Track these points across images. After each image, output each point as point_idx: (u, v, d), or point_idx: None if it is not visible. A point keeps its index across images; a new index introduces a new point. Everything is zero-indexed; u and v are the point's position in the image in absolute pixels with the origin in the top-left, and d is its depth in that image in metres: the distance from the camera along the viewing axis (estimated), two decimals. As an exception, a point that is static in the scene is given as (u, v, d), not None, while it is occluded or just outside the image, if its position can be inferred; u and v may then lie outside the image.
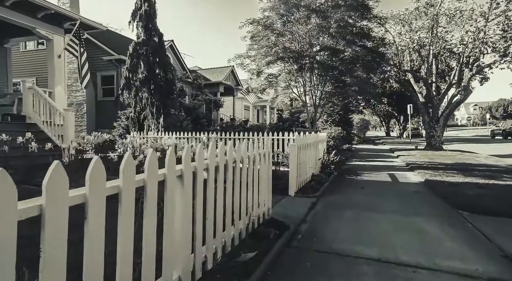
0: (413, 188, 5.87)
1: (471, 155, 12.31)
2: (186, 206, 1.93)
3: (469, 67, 13.28)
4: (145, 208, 1.56)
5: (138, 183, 1.51)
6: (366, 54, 9.73)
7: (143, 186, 1.56)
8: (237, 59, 10.74)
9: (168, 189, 1.74)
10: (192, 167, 2.04)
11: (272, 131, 9.08)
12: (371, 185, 6.23)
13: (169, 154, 1.77)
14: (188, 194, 1.96)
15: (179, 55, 17.47)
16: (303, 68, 9.59)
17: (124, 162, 1.42)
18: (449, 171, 7.71)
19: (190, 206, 2.00)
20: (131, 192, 1.45)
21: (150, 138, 10.55)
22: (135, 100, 11.06)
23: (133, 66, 10.86)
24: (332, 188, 5.80)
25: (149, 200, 1.57)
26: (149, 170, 1.57)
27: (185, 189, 1.92)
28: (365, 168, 8.92)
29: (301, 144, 5.55)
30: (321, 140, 7.73)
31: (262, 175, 3.45)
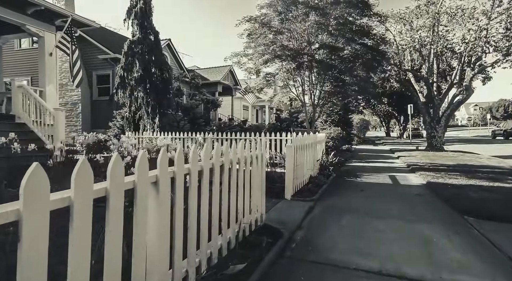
0: (415, 191, 5.65)
1: (473, 155, 12.10)
2: (162, 216, 1.71)
3: (471, 67, 13.05)
4: (107, 221, 1.34)
5: (97, 193, 1.29)
6: (366, 52, 9.50)
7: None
8: (234, 58, 10.52)
9: (138, 197, 1.52)
10: (170, 172, 1.82)
11: (270, 132, 8.86)
12: (371, 187, 6.01)
13: (140, 157, 1.55)
14: (164, 203, 1.73)
15: (177, 54, 17.26)
16: (301, 67, 9.35)
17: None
18: (451, 172, 7.50)
19: (168, 216, 1.78)
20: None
21: (145, 139, 10.35)
22: (130, 99, 10.84)
23: (128, 65, 10.64)
24: (331, 191, 5.58)
25: (111, 211, 1.35)
26: (112, 176, 1.35)
27: (161, 197, 1.70)
28: (365, 169, 8.70)
29: (298, 145, 5.33)
30: (319, 141, 7.51)
31: (255, 178, 3.23)
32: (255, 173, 3.25)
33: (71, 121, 13.40)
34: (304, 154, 5.69)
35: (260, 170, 3.37)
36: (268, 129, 10.11)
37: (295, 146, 5.08)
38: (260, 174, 3.38)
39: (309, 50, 9.31)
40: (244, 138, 8.92)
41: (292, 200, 4.77)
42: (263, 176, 3.44)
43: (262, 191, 3.43)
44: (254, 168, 3.21)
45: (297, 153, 5.17)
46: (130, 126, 11.04)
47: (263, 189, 3.48)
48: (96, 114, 13.56)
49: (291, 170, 4.82)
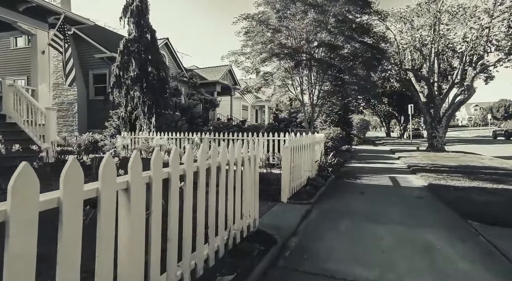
0: (416, 193, 5.46)
1: (475, 156, 11.90)
2: (134, 228, 1.52)
3: (472, 66, 12.85)
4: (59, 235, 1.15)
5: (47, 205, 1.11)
6: (366, 50, 9.29)
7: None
8: (231, 56, 10.30)
9: (102, 208, 1.33)
10: (145, 177, 1.63)
11: (267, 132, 8.67)
12: (371, 189, 5.82)
13: (105, 160, 1.36)
14: (137, 213, 1.54)
15: (175, 53, 17.08)
16: (300, 66, 9.14)
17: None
18: (454, 174, 7.30)
19: (141, 227, 1.59)
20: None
21: (141, 139, 10.16)
22: (126, 99, 10.66)
23: (124, 63, 10.46)
24: (329, 193, 5.39)
25: (65, 223, 1.16)
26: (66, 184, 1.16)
27: (132, 206, 1.51)
28: (365, 170, 8.51)
29: (295, 146, 5.14)
30: (318, 141, 7.32)
31: (247, 181, 3.04)
32: (247, 176, 3.07)
33: (67, 121, 13.22)
34: (301, 155, 5.50)
35: (253, 173, 3.18)
36: (266, 129, 9.92)
37: (291, 147, 4.89)
38: (253, 177, 3.19)
39: (307, 48, 9.10)
40: (241, 138, 8.74)
41: (288, 203, 4.59)
42: (256, 178, 3.25)
43: (255, 195, 3.25)
44: (246, 170, 3.03)
45: (293, 154, 4.99)
46: (126, 126, 10.86)
47: (256, 193, 3.29)
48: (92, 114, 13.38)
49: (287, 172, 4.63)
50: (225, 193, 2.60)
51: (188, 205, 2.06)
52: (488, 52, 12.24)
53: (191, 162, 2.11)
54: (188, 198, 2.05)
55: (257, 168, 3.28)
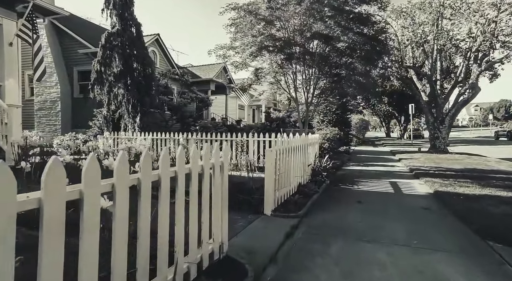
0: (422, 203, 4.78)
1: (480, 158, 11.23)
2: None
3: (477, 63, 12.18)
4: None
5: None
6: (365, 42, 8.57)
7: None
8: (219, 50, 9.57)
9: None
10: None
11: (258, 133, 8.00)
12: (370, 197, 5.14)
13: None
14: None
15: (166, 50, 16.38)
16: (292, 59, 8.43)
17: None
18: (461, 179, 6.63)
19: None
20: None
21: (124, 140, 9.50)
22: (109, 97, 9.99)
23: (106, 59, 9.78)
24: (322, 203, 4.71)
25: None
26: None
27: None
28: (364, 174, 7.84)
29: (283, 149, 4.46)
30: (312, 142, 6.65)
31: (213, 196, 2.38)
32: (214, 189, 2.40)
33: (50, 121, 12.53)
34: (290, 158, 4.83)
35: (219, 185, 2.51)
36: (256, 130, 9.25)
37: (277, 150, 4.21)
38: (220, 190, 2.52)
39: (300, 40, 8.38)
40: (230, 139, 8.09)
41: (272, 215, 3.91)
42: (223, 192, 2.58)
43: (222, 213, 2.57)
44: (206, 182, 2.36)
45: (280, 158, 4.31)
46: (109, 126, 10.18)
47: (225, 209, 2.62)
48: (77, 112, 12.69)
49: (271, 179, 3.96)
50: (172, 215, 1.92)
51: (120, 233, 1.39)
52: (495, 48, 11.57)
53: (124, 175, 1.43)
54: (120, 225, 1.38)
55: (225, 179, 2.60)
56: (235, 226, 3.39)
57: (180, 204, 2.00)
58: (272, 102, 32.74)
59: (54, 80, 12.34)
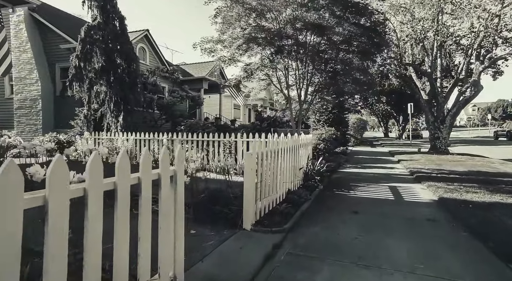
0: (425, 212, 4.21)
1: (483, 159, 10.71)
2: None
3: (480, 60, 11.66)
4: None
5: None
6: (362, 34, 7.96)
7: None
8: (205, 44, 8.92)
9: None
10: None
11: (247, 133, 7.42)
12: (368, 206, 4.57)
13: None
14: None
15: (156, 47, 15.74)
16: (282, 52, 7.81)
17: None
18: (466, 183, 6.08)
19: None
20: None
21: (105, 140, 8.88)
22: (89, 94, 9.37)
23: (86, 53, 9.15)
24: (313, 213, 4.13)
25: None
26: None
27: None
28: (361, 177, 7.27)
29: (267, 152, 3.88)
30: (304, 144, 6.07)
31: (162, 216, 1.80)
32: (163, 206, 1.82)
33: (31, 120, 11.88)
34: (277, 162, 4.24)
35: (171, 199, 1.92)
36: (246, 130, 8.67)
37: (260, 153, 3.63)
38: (172, 206, 1.93)
39: (292, 31, 7.74)
40: (218, 140, 7.51)
41: (252, 230, 3.32)
42: (178, 208, 1.99)
43: (176, 235, 1.98)
44: (162, 195, 1.78)
45: (264, 163, 3.73)
46: (90, 126, 9.55)
47: (179, 231, 2.02)
48: (59, 112, 12.04)
49: (251, 188, 3.37)
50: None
51: None
52: (497, 45, 11.05)
53: None
54: None
55: (179, 193, 2.00)
56: (203, 246, 2.81)
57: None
58: (269, 102, 32.17)
59: (34, 77, 11.69)
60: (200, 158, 7.39)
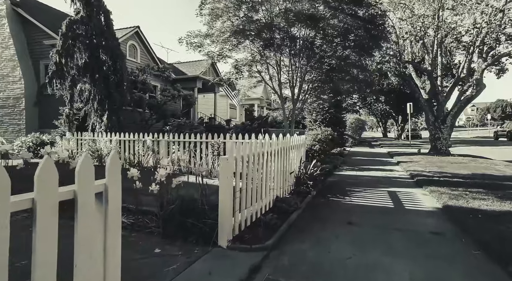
0: (430, 224, 3.74)
1: (486, 161, 10.26)
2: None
3: (482, 57, 11.21)
4: None
5: None
6: (359, 27, 7.45)
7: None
8: (193, 39, 8.39)
9: None
10: None
11: (236, 134, 6.94)
12: (365, 215, 4.09)
13: None
14: None
15: (148, 44, 15.23)
16: (272, 45, 7.30)
17: None
18: (472, 188, 5.61)
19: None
20: None
21: (88, 141, 8.38)
22: (71, 93, 8.87)
23: (68, 49, 8.66)
24: (302, 225, 3.65)
25: None
26: None
27: None
28: (358, 181, 6.80)
29: (250, 155, 3.39)
30: (296, 145, 5.59)
31: (79, 252, 1.31)
32: (81, 235, 1.33)
33: (13, 120, 11.36)
34: (263, 166, 3.76)
35: (100, 226, 1.43)
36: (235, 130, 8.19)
37: (239, 157, 3.14)
38: (101, 234, 1.44)
39: (282, 22, 7.21)
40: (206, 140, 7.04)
41: (229, 248, 2.84)
42: (112, 236, 1.50)
43: (107, 274, 1.49)
44: (82, 224, 1.30)
45: (245, 168, 3.25)
46: (72, 126, 9.06)
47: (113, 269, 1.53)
48: (45, 111, 11.52)
49: (227, 198, 2.88)
50: None
51: None
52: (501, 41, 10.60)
53: None
54: None
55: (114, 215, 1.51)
56: (164, 272, 2.32)
57: None
58: (266, 101, 31.69)
59: (17, 74, 11.18)
60: (185, 161, 6.92)
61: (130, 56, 14.40)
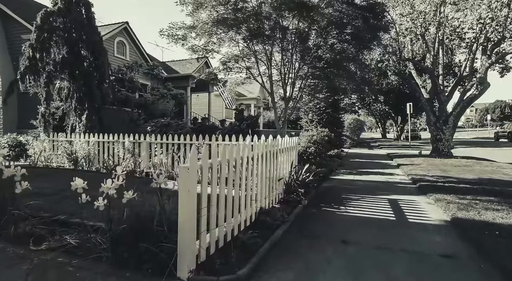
0: (438, 243, 3.16)
1: (492, 164, 9.71)
2: None
3: (486, 54, 10.67)
4: None
5: None
6: (356, 16, 6.84)
7: None
8: (177, 31, 7.69)
9: None
10: None
11: (223, 135, 6.36)
12: (362, 231, 3.51)
13: None
14: None
15: (137, 41, 14.60)
16: (258, 36, 6.69)
17: None
18: (482, 196, 5.05)
19: None
20: None
21: (63, 142, 7.76)
22: (47, 90, 8.25)
23: (43, 43, 8.05)
24: (287, 245, 3.06)
25: None
26: None
27: None
28: (355, 187, 6.23)
29: (221, 162, 2.81)
30: (286, 148, 5.00)
31: None
32: None
33: (-10, 119, 10.72)
34: (242, 174, 3.18)
35: None
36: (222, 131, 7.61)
37: (207, 165, 2.55)
38: None
39: (271, 11, 6.59)
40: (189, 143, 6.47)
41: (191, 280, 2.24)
42: None
43: None
44: None
45: (214, 178, 2.65)
46: (49, 126, 8.43)
47: None
48: (24, 110, 10.89)
49: (189, 218, 2.28)
50: None
51: None
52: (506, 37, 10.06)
53: None
54: None
55: None
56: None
57: None
58: (263, 101, 31.11)
59: (-6, 72, 10.54)
60: (166, 164, 6.34)
61: (118, 54, 13.78)
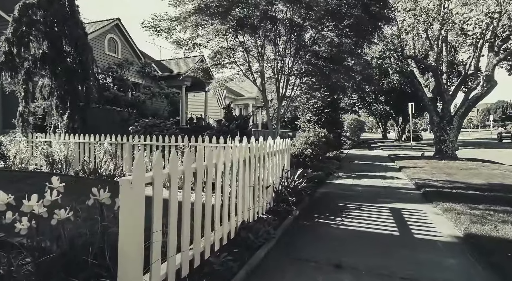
0: (452, 268, 2.64)
1: (499, 167, 9.18)
2: None
3: (494, 51, 10.12)
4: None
5: None
6: (355, 3, 6.25)
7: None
8: (162, 23, 7.14)
9: None
10: None
11: (210, 136, 5.86)
12: (359, 250, 2.99)
13: None
14: None
15: (129, 38, 14.09)
16: (244, 27, 6.13)
17: None
18: (494, 204, 4.52)
19: None
20: None
21: (41, 144, 7.26)
22: (26, 88, 7.76)
23: (21, 37, 7.53)
24: (268, 270, 2.54)
25: None
26: None
27: None
28: (354, 193, 5.71)
29: (186, 171, 2.29)
30: (276, 151, 4.48)
31: None
32: None
33: (-27, 119, 10.23)
34: (214, 186, 2.66)
35: None
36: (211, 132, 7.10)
37: (163, 177, 2.03)
38: None
39: None
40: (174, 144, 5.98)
41: (136, 328, 1.72)
42: None
43: None
44: None
45: (173, 194, 2.13)
46: (27, 126, 7.94)
47: None
48: (9, 109, 10.37)
49: (135, 247, 1.76)
50: None
51: None
52: None
53: None
54: None
55: None
56: None
57: None
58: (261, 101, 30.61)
59: (-24, 69, 10.02)
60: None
61: (109, 51, 13.29)
